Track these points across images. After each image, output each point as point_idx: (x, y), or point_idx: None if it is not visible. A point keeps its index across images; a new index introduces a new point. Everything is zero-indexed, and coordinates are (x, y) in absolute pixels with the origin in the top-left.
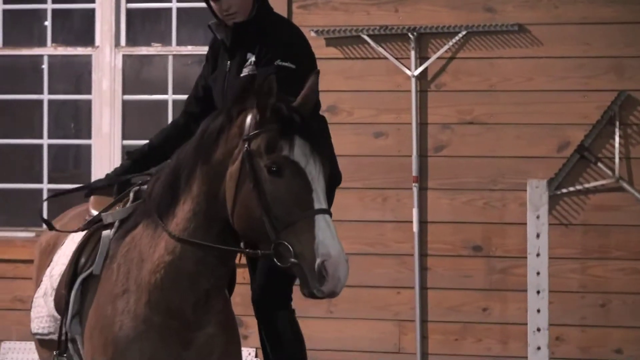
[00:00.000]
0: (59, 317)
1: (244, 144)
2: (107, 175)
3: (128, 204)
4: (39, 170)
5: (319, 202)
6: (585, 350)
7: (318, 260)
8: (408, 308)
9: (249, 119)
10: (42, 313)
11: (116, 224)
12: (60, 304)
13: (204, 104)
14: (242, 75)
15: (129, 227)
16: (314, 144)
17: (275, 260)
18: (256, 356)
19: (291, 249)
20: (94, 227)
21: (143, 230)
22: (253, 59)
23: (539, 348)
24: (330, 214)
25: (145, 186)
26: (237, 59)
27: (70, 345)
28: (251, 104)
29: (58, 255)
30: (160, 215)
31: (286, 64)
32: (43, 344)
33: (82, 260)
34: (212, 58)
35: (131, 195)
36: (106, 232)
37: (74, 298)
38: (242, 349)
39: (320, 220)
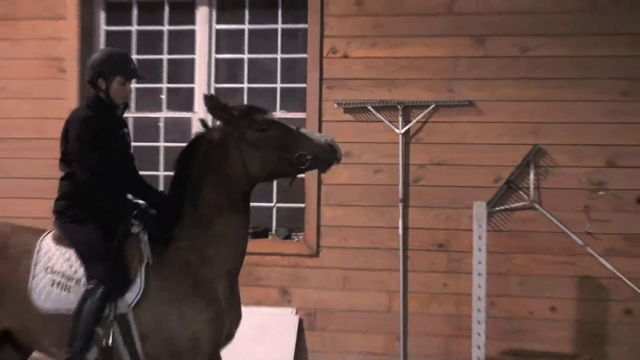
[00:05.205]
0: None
1: (234, 139)
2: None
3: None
4: None
5: (294, 127)
6: (508, 311)
7: (323, 141)
8: (396, 284)
9: (217, 134)
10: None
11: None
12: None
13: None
14: (128, 141)
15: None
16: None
17: (299, 166)
18: (296, 313)
19: (305, 153)
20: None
21: (187, 244)
22: (126, 130)
23: (479, 310)
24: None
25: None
26: (123, 129)
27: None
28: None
29: (48, 256)
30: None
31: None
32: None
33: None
34: (104, 131)
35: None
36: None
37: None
38: (287, 308)
39: (303, 130)
